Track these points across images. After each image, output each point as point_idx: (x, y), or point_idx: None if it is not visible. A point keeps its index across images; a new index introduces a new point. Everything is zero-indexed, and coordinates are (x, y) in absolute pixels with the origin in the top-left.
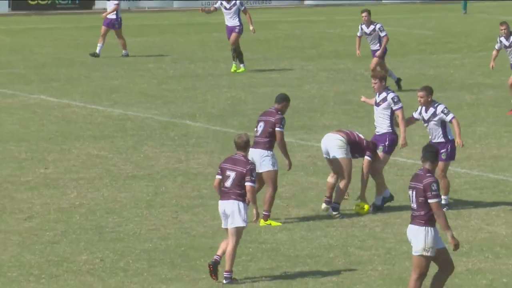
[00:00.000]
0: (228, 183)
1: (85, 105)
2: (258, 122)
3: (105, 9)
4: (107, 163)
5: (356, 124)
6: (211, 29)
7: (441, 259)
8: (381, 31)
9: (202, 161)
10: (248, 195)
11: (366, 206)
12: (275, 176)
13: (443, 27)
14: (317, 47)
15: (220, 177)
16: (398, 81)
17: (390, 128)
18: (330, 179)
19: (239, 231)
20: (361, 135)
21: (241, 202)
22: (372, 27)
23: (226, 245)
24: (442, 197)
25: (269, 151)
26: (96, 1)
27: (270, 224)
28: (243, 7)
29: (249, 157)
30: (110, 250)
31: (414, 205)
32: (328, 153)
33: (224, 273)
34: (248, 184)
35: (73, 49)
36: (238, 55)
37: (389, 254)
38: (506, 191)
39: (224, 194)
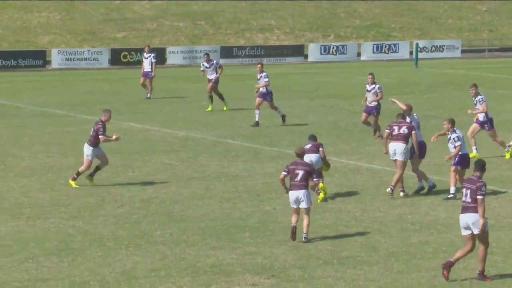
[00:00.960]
0: (298, 178)
1: (160, 129)
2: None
3: (173, 64)
4: (174, 168)
5: (343, 142)
6: (242, 79)
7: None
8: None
9: (239, 167)
10: (311, 185)
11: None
12: None
13: (402, 77)
14: (317, 91)
15: (285, 173)
16: (283, 116)
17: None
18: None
19: (309, 210)
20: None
21: (307, 191)
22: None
23: (296, 219)
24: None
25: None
26: (167, 58)
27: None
28: (218, 64)
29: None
30: (176, 228)
31: (468, 199)
32: (394, 155)
33: (304, 234)
34: (315, 179)
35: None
36: (219, 96)
37: (366, 231)
38: (444, 188)
39: (295, 186)
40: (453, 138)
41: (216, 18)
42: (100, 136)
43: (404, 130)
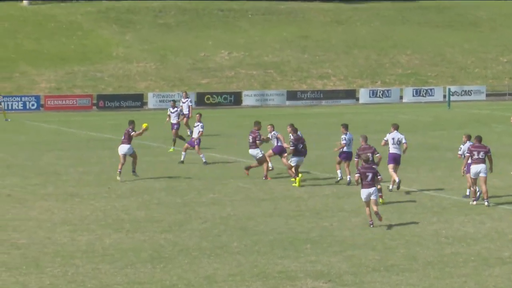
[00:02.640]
0: (368, 179)
1: (236, 158)
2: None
3: (247, 105)
4: (248, 191)
5: (386, 170)
6: (304, 118)
7: None
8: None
9: (301, 190)
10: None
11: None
12: None
13: (437, 116)
14: (366, 127)
15: (359, 174)
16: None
17: None
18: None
19: (377, 200)
20: None
21: (376, 188)
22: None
23: (369, 211)
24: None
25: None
26: (243, 100)
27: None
28: (182, 112)
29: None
30: (249, 240)
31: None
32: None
33: (377, 216)
34: (379, 177)
35: (227, 127)
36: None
37: (407, 243)
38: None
39: (367, 185)
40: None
41: (283, 67)
42: (132, 134)
43: (482, 154)
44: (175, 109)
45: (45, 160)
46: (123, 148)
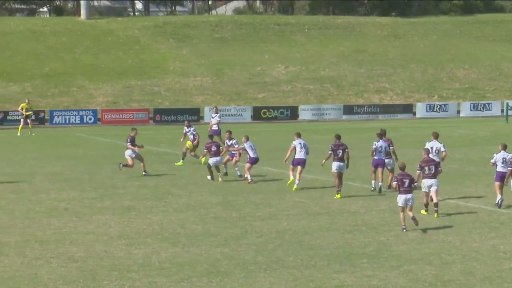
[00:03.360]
0: (406, 185)
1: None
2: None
3: (304, 119)
4: (304, 205)
5: (444, 184)
6: (361, 132)
7: None
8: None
9: (358, 205)
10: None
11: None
12: None
13: (495, 131)
14: (423, 141)
15: (396, 182)
16: None
17: None
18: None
19: (412, 206)
20: None
21: (412, 194)
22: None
23: (404, 215)
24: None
25: None
26: (299, 114)
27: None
28: (195, 132)
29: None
30: (306, 254)
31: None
32: None
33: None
34: (415, 184)
35: (283, 141)
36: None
37: (464, 258)
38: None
39: (404, 191)
40: None
41: (339, 81)
42: (128, 144)
43: None
44: (189, 128)
45: (102, 174)
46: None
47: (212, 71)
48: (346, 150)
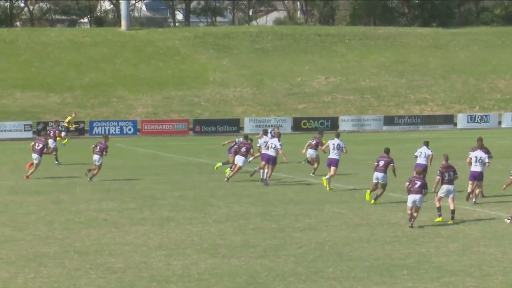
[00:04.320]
0: (416, 186)
1: (332, 184)
2: None
3: (344, 130)
4: (344, 216)
5: (486, 195)
6: (401, 143)
7: None
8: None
9: (398, 216)
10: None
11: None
12: None
13: None
14: (464, 152)
15: (408, 183)
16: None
17: None
18: None
19: (420, 207)
20: None
21: (422, 195)
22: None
23: (411, 214)
24: None
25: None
26: (339, 125)
27: None
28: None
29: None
30: (345, 266)
31: None
32: None
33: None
34: (425, 191)
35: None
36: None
37: (506, 270)
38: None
39: (414, 191)
40: None
41: (380, 92)
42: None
43: None
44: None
45: (142, 185)
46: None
47: (252, 82)
48: (392, 164)
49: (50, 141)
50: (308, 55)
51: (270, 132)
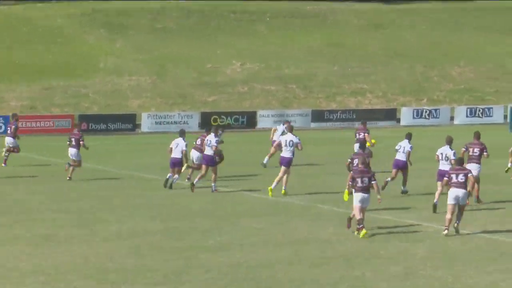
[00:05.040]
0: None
1: (250, 194)
2: None
3: (264, 128)
4: (263, 233)
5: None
6: (333, 143)
7: None
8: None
9: (328, 232)
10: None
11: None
12: None
13: (496, 142)
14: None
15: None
16: None
17: None
18: None
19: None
20: None
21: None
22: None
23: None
24: None
25: None
26: (258, 122)
27: None
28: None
29: None
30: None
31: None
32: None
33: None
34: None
35: (239, 155)
36: None
37: (383, 259)
38: None
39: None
40: None
41: (307, 81)
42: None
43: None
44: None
45: (14, 196)
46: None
47: (152, 69)
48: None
49: None
50: (221, 37)
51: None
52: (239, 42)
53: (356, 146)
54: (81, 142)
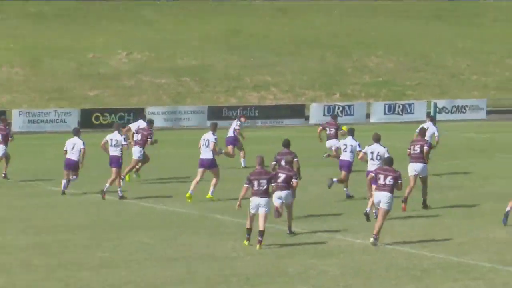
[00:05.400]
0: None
1: (137, 202)
2: None
3: (154, 127)
4: (152, 248)
5: (348, 217)
6: None
7: None
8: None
9: (227, 247)
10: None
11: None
12: None
13: None
14: (319, 157)
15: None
16: None
17: None
18: None
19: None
20: None
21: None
22: None
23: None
24: None
25: None
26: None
27: None
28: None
29: None
30: None
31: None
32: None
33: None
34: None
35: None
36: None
37: (290, 277)
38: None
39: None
40: None
41: (203, 73)
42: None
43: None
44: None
45: None
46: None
47: (24, 59)
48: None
49: None
50: (104, 23)
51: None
52: (124, 29)
53: (329, 143)
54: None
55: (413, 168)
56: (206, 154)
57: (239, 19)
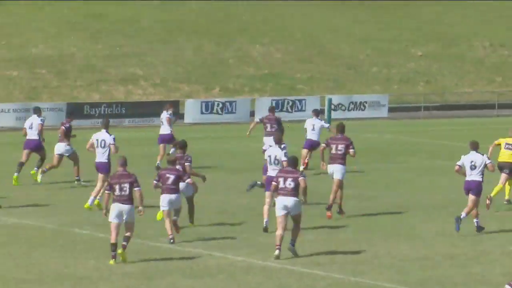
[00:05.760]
0: (169, 182)
1: None
2: None
3: (3, 127)
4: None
5: (229, 231)
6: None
7: None
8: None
9: (88, 266)
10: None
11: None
12: None
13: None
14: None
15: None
16: None
17: None
18: None
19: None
20: None
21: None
22: None
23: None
24: None
25: None
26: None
27: None
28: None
29: None
30: None
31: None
32: None
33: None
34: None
35: None
36: None
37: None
38: None
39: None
40: None
41: (61, 65)
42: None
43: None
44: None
45: None
46: None
47: None
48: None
49: None
50: None
51: None
52: None
53: (270, 140)
54: None
55: (335, 169)
56: (101, 157)
57: (103, 1)
